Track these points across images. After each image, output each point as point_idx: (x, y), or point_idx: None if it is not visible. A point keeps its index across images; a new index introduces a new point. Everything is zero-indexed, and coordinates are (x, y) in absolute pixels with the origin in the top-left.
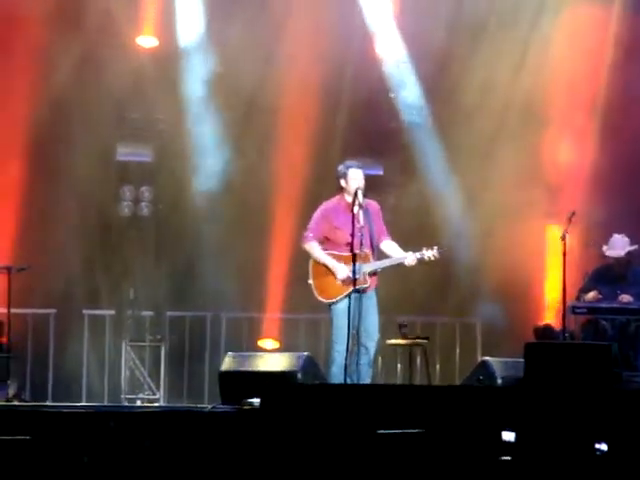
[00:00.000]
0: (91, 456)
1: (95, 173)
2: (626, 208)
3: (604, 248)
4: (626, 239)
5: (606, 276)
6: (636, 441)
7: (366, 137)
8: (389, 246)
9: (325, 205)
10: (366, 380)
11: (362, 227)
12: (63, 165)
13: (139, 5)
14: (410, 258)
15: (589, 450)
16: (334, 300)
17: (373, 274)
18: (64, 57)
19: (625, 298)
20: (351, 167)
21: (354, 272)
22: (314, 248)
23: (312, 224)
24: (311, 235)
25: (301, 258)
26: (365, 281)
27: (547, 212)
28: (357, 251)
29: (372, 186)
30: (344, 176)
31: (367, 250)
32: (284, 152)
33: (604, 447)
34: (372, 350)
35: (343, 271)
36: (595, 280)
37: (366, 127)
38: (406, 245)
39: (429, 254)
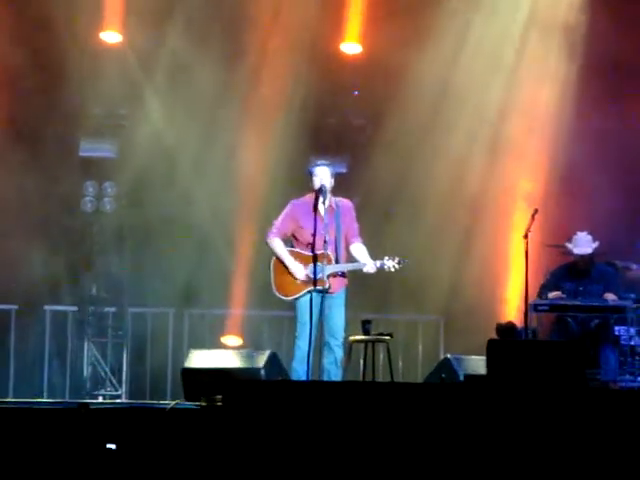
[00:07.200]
0: (53, 452)
1: (58, 168)
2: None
3: (569, 246)
4: (589, 237)
5: (569, 273)
6: (598, 438)
7: (329, 134)
8: (357, 249)
9: (293, 203)
10: (335, 380)
11: (327, 227)
12: (26, 160)
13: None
14: (369, 266)
15: (552, 446)
16: (290, 298)
17: (337, 275)
18: (26, 52)
19: (609, 296)
20: (316, 165)
21: (314, 273)
22: (275, 245)
23: (278, 220)
24: (274, 231)
25: (265, 254)
26: (325, 282)
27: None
28: (320, 251)
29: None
30: (310, 175)
31: (329, 251)
32: (250, 150)
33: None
34: (337, 349)
35: (301, 272)
36: (558, 277)
37: (329, 124)
38: (370, 244)
39: (389, 264)
